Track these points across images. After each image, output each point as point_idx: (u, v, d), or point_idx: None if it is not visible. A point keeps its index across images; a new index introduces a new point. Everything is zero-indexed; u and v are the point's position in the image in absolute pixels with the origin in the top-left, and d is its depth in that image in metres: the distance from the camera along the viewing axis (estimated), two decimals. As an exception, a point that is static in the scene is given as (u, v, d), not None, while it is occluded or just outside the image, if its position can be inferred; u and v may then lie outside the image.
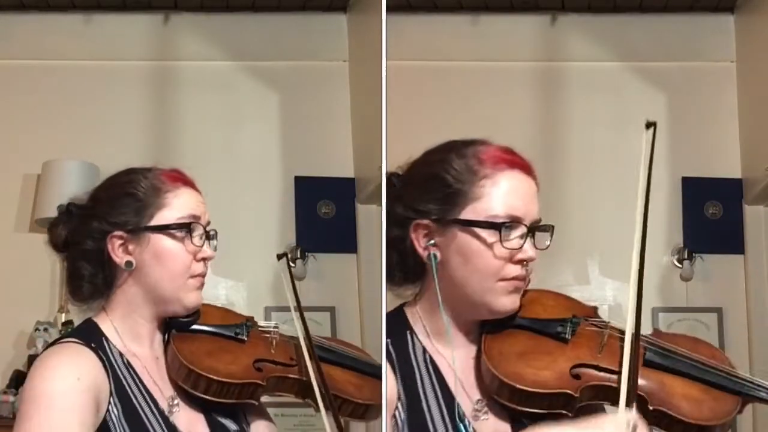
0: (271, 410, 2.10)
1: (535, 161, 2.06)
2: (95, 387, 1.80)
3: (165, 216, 1.91)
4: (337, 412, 1.91)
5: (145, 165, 2.03)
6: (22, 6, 4.14)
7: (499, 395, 1.70)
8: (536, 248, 1.73)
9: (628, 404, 1.63)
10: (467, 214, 1.71)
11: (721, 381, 1.77)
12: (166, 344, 1.95)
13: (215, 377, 1.88)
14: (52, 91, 4.15)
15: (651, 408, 1.70)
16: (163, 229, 1.90)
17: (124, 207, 1.92)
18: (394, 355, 1.74)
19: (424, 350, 1.76)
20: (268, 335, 2.04)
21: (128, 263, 1.89)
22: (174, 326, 1.96)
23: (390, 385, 1.73)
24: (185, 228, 1.91)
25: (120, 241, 1.90)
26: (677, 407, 1.71)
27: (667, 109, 4.19)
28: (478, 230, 1.70)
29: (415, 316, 1.80)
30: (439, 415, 1.71)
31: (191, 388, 1.89)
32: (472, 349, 1.77)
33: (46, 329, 3.84)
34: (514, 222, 1.71)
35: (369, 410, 2.00)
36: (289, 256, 2.14)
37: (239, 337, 1.99)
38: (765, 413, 3.87)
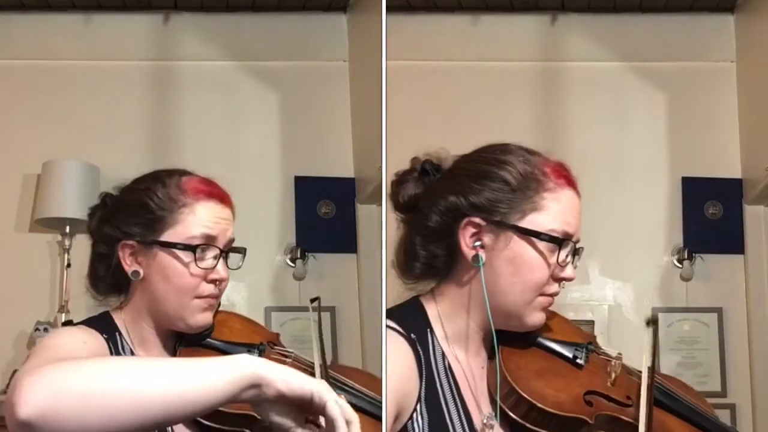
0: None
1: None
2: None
3: (175, 232, 1.84)
4: None
5: (174, 167, 1.96)
6: (22, 6, 4.14)
7: (514, 410, 1.65)
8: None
9: None
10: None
11: (710, 426, 1.82)
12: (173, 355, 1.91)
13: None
14: (52, 91, 4.15)
15: None
16: (169, 246, 1.83)
17: (136, 217, 1.87)
18: (421, 352, 1.67)
19: (443, 354, 1.69)
20: (284, 363, 1.98)
21: (135, 273, 1.86)
22: (185, 338, 1.92)
23: (413, 384, 1.65)
24: (192, 249, 1.83)
25: (130, 250, 1.87)
26: None
27: (667, 109, 4.19)
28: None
29: (435, 316, 1.72)
30: (459, 424, 1.65)
31: None
32: (483, 359, 1.73)
33: (46, 329, 3.84)
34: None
35: None
36: (319, 302, 2.05)
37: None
38: (765, 412, 3.87)
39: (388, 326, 1.66)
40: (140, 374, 1.28)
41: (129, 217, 1.87)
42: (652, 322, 1.76)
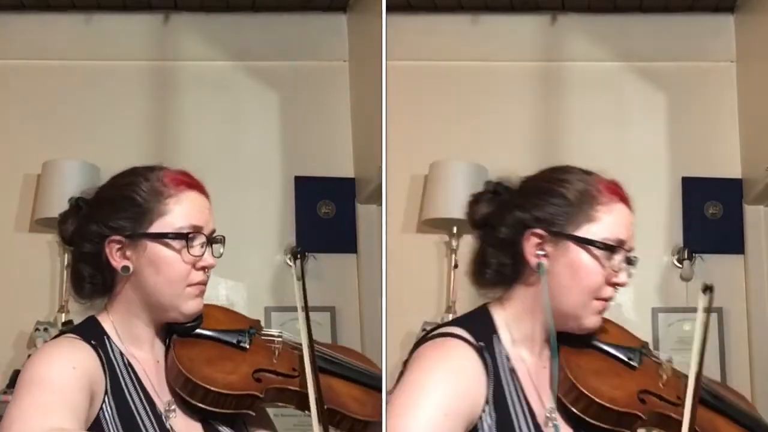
0: (270, 410, 2.09)
1: (535, 161, 2.06)
2: (90, 378, 1.78)
3: (164, 223, 1.87)
4: (327, 427, 1.87)
5: (150, 164, 1.99)
6: (22, 6, 4.14)
7: (574, 404, 1.81)
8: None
9: None
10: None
11: (755, 426, 2.01)
12: (167, 348, 1.93)
13: (212, 387, 1.86)
14: (52, 91, 4.15)
15: None
16: (160, 237, 1.86)
17: (123, 211, 1.89)
18: (489, 357, 1.79)
19: (508, 357, 1.83)
20: (271, 343, 1.99)
21: (125, 268, 1.87)
22: (176, 330, 1.93)
23: (481, 390, 1.77)
24: (183, 237, 1.87)
25: (117, 246, 1.88)
26: None
27: (667, 109, 4.19)
28: None
29: (503, 321, 1.87)
30: (524, 420, 1.78)
31: (188, 396, 1.87)
32: (545, 359, 1.88)
33: (46, 329, 3.84)
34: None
35: (369, 426, 1.97)
36: (298, 255, 2.08)
37: (241, 345, 1.96)
38: (765, 412, 3.86)
39: (456, 336, 1.79)
40: None
41: (115, 213, 1.89)
42: (709, 289, 2.07)
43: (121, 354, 1.87)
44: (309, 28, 4.25)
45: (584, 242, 1.86)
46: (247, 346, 1.95)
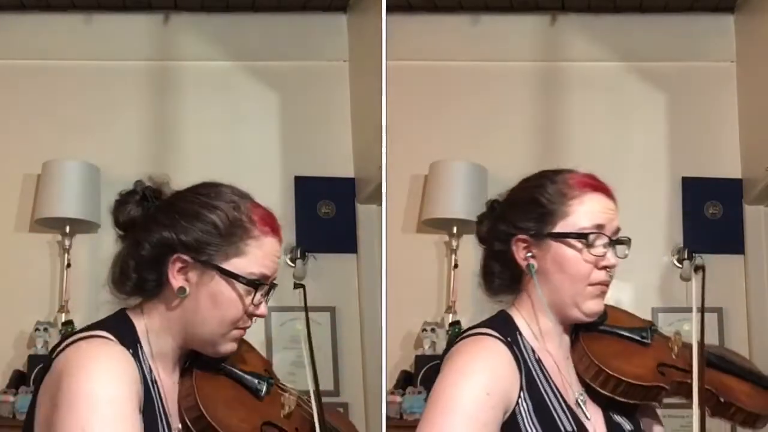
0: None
1: (535, 161, 2.07)
2: (137, 392, 1.71)
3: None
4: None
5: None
6: (22, 6, 4.14)
7: (603, 387, 1.93)
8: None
9: (700, 398, 1.93)
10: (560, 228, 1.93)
11: (763, 382, 2.14)
12: (182, 375, 1.85)
13: (221, 431, 1.78)
14: (52, 91, 4.15)
15: (722, 400, 2.04)
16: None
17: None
18: (518, 353, 1.90)
19: (533, 350, 1.93)
20: (284, 398, 1.91)
21: (181, 290, 1.79)
22: (199, 358, 1.85)
23: (515, 377, 1.87)
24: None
25: (181, 265, 1.80)
26: (740, 400, 2.06)
27: (667, 109, 4.19)
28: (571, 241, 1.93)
29: (521, 321, 1.97)
30: (557, 403, 1.90)
31: (198, 431, 1.79)
32: (565, 349, 1.99)
33: (46, 329, 3.84)
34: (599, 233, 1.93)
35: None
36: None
37: (259, 393, 1.88)
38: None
39: (487, 334, 1.90)
40: None
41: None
42: (700, 269, 2.24)
43: (150, 368, 1.79)
44: (309, 28, 4.25)
45: (562, 236, 1.93)
46: (263, 396, 1.89)
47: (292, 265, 4.03)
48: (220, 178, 1.88)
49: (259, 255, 1.83)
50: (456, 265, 3.93)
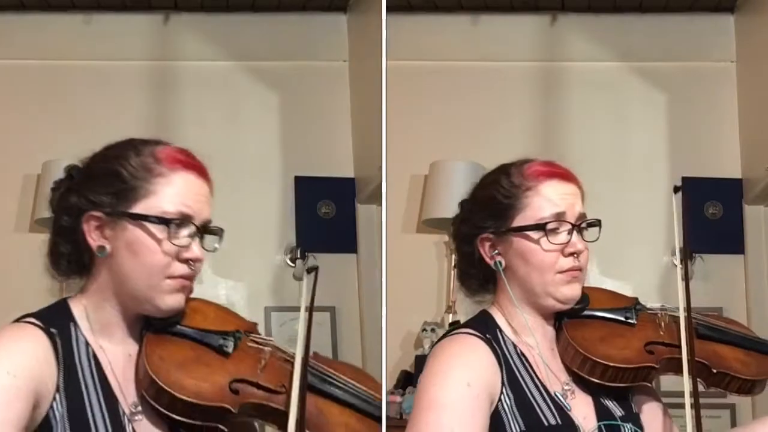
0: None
1: (535, 161, 2.06)
2: (34, 380, 1.64)
3: (149, 205, 1.69)
4: None
5: (148, 137, 1.82)
6: (22, 6, 4.14)
7: (591, 374, 1.90)
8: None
9: (690, 371, 1.90)
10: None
11: (759, 346, 2.08)
12: (140, 343, 1.73)
13: (179, 395, 1.65)
14: (52, 91, 4.15)
15: (714, 371, 1.99)
16: (140, 218, 1.69)
17: (106, 186, 1.72)
18: (498, 349, 1.89)
19: (514, 345, 1.92)
20: (261, 352, 1.78)
21: (101, 248, 1.71)
22: (152, 324, 1.74)
23: (495, 368, 1.86)
24: (166, 223, 1.69)
25: (96, 223, 1.71)
26: (733, 368, 2.00)
27: (667, 109, 4.19)
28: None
29: (500, 318, 1.96)
30: (540, 397, 1.87)
31: (153, 399, 1.67)
32: (550, 340, 1.97)
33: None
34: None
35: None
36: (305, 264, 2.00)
37: (224, 349, 1.74)
38: (765, 412, 3.86)
39: (466, 333, 1.90)
40: None
41: (98, 186, 1.73)
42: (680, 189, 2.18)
43: (87, 344, 1.71)
44: (309, 28, 4.25)
45: (520, 230, 1.93)
46: (230, 351, 1.73)
47: (292, 265, 4.03)
48: (220, 178, 1.86)
49: (170, 193, 1.70)
50: (456, 265, 3.93)
